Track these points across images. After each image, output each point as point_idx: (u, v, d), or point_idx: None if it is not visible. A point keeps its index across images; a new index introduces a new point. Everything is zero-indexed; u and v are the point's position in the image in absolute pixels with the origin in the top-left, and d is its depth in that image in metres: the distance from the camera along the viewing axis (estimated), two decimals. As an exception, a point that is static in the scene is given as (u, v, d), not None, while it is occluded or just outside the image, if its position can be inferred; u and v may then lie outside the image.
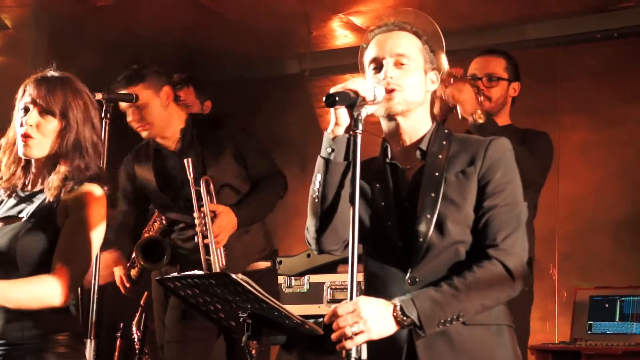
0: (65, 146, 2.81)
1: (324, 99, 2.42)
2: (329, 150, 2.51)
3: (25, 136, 2.80)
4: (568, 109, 5.92)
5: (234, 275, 2.37)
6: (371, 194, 2.65)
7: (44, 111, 2.80)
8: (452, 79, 3.71)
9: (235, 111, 5.88)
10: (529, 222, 3.77)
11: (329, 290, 4.83)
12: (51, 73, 2.88)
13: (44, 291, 2.64)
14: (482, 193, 2.55)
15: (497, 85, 3.97)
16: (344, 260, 2.85)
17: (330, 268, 4.93)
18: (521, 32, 5.93)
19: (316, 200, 2.54)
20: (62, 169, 2.81)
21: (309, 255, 5.02)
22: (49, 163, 2.85)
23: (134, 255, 4.54)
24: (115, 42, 6.05)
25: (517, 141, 3.76)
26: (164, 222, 4.45)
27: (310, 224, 2.58)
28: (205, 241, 4.01)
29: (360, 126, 2.42)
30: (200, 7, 5.85)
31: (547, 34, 5.88)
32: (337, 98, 2.41)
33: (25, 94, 2.84)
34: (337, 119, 2.49)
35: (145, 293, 4.78)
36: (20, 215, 2.78)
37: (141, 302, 4.83)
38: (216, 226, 3.99)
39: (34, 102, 2.81)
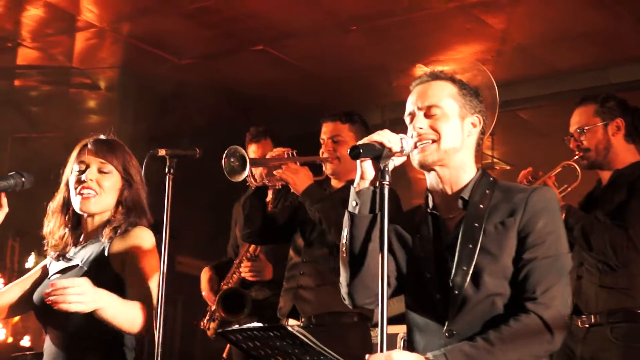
0: (125, 203, 2.99)
1: (349, 151, 2.42)
2: (354, 204, 2.50)
3: (86, 190, 2.95)
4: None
5: (290, 328, 2.35)
6: (412, 244, 2.64)
7: (104, 168, 2.98)
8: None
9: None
10: None
11: (403, 341, 4.83)
12: (105, 136, 3.07)
13: (135, 314, 2.80)
14: (522, 244, 2.50)
15: (588, 134, 3.90)
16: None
17: (404, 319, 4.91)
18: (604, 76, 5.92)
19: (344, 254, 2.52)
20: (117, 220, 2.96)
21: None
22: (104, 221, 2.99)
23: (213, 307, 4.70)
24: (197, 98, 6.30)
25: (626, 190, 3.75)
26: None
27: (342, 278, 2.57)
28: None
29: (387, 177, 2.39)
30: (282, 63, 6.07)
31: (631, 77, 5.84)
32: (361, 150, 2.40)
33: (82, 154, 3.01)
34: (363, 172, 2.48)
35: (228, 345, 4.88)
36: (75, 264, 2.94)
37: (224, 355, 4.94)
38: None
39: (93, 159, 2.98)
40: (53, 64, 6.16)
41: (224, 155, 3.89)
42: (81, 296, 2.65)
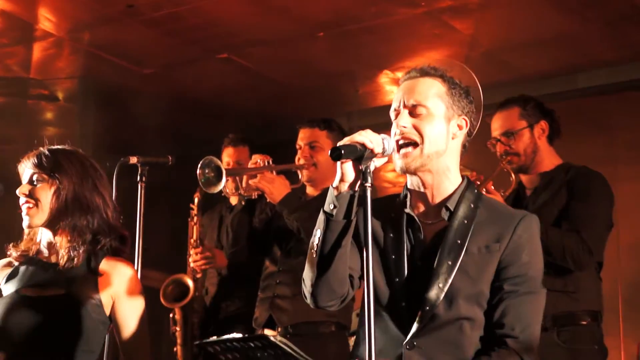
0: (64, 204, 2.85)
1: (329, 152, 2.38)
2: (331, 206, 2.45)
3: (24, 205, 2.88)
4: (625, 158, 5.89)
5: (272, 338, 2.36)
6: (383, 242, 2.59)
7: (34, 178, 2.89)
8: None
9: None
10: (596, 275, 3.83)
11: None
12: (47, 147, 2.97)
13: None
14: (502, 273, 2.50)
15: (517, 138, 3.96)
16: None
17: None
18: (572, 81, 5.98)
19: (314, 255, 2.49)
20: (63, 227, 2.86)
21: (357, 315, 5.04)
22: (53, 227, 2.90)
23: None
24: (162, 109, 6.25)
25: (565, 191, 3.79)
26: None
27: (306, 276, 2.54)
28: None
29: (369, 179, 2.36)
30: (247, 71, 6.04)
31: (599, 82, 5.91)
32: (342, 151, 2.36)
33: (23, 173, 2.94)
34: (343, 174, 2.44)
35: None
36: (55, 287, 2.84)
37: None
38: None
39: (25, 173, 2.92)
40: (9, 75, 6.07)
41: (199, 166, 3.88)
42: None
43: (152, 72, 6.02)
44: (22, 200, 2.89)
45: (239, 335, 2.48)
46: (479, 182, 3.88)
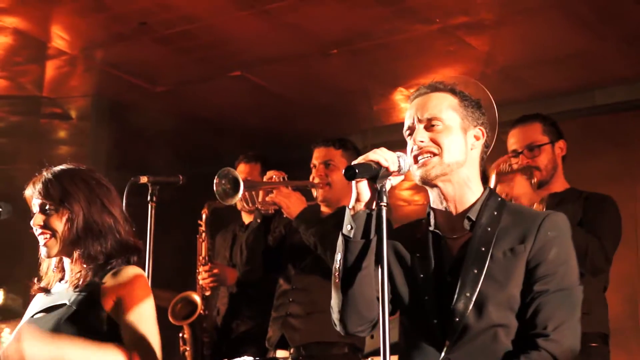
0: (76, 232, 2.85)
1: (344, 171, 2.36)
2: (349, 227, 2.44)
3: (41, 236, 2.87)
4: (644, 176, 5.86)
5: None
6: (411, 263, 2.57)
7: (45, 208, 2.87)
8: (500, 176, 3.75)
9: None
10: (604, 298, 3.81)
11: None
12: (46, 170, 2.94)
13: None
14: (532, 275, 2.45)
15: (541, 153, 3.95)
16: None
17: (397, 348, 4.86)
18: (589, 98, 5.97)
19: (337, 280, 2.47)
20: (76, 255, 2.86)
21: (372, 337, 5.02)
22: (68, 255, 2.90)
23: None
24: (174, 126, 6.26)
25: (581, 207, 3.79)
26: None
27: (334, 303, 2.52)
28: None
29: (384, 199, 2.34)
30: (261, 89, 6.05)
31: (616, 99, 5.90)
32: (357, 170, 2.35)
33: (32, 200, 2.92)
34: (358, 194, 2.43)
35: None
36: (60, 303, 2.84)
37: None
38: None
39: (35, 202, 2.89)
40: (22, 94, 6.11)
41: (216, 175, 3.86)
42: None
43: (164, 89, 6.05)
44: (38, 231, 2.88)
45: (251, 358, 2.57)
46: (509, 166, 3.86)
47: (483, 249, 2.48)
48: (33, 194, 2.90)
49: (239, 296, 4.90)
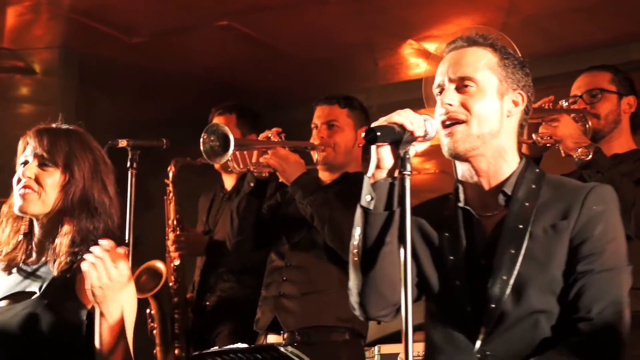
0: (70, 202, 2.83)
1: (363, 135, 2.36)
2: (368, 198, 2.42)
3: (24, 188, 2.81)
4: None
5: (282, 349, 2.39)
6: (438, 244, 2.56)
7: (45, 162, 2.85)
8: (543, 115, 3.68)
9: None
10: None
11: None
12: (56, 125, 2.94)
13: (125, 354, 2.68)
14: (576, 254, 2.42)
15: (603, 100, 3.89)
16: (421, 327, 2.69)
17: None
18: (624, 52, 5.87)
19: (356, 258, 2.45)
20: (67, 229, 2.81)
21: (379, 322, 4.88)
22: (53, 224, 2.84)
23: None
24: (152, 83, 6.22)
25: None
26: None
27: (352, 285, 2.50)
28: None
29: (408, 167, 2.33)
30: (250, 40, 5.98)
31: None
32: (378, 133, 2.34)
33: (26, 148, 2.89)
34: (379, 160, 2.42)
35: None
36: (29, 290, 2.79)
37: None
38: None
39: (34, 153, 2.85)
40: (-22, 45, 6.06)
41: (203, 131, 3.77)
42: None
43: (141, 41, 5.96)
44: (22, 182, 2.84)
45: (245, 345, 2.50)
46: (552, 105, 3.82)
47: (521, 226, 2.47)
48: (33, 143, 2.87)
49: (211, 267, 4.85)
